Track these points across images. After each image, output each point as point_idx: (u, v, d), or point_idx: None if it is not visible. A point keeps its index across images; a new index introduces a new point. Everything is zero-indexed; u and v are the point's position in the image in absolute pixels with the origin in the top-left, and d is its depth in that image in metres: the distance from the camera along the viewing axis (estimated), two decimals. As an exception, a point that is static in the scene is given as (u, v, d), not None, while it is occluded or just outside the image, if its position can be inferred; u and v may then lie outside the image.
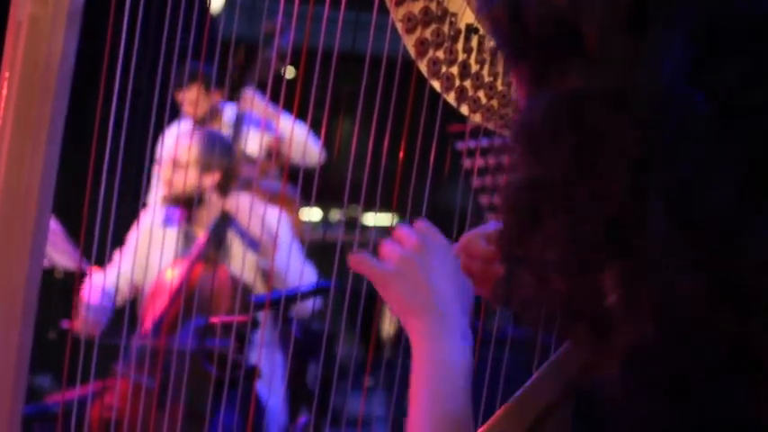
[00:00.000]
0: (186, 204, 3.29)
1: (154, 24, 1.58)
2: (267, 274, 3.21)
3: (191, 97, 4.03)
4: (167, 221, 3.33)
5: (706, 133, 0.78)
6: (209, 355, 2.63)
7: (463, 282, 1.04)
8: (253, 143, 3.91)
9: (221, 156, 3.34)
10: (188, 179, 3.23)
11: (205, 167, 3.27)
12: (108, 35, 1.52)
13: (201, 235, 3.29)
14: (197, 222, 3.35)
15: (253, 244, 3.18)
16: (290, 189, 3.92)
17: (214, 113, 4.08)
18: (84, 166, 1.62)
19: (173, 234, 3.30)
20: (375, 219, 3.85)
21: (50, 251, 3.38)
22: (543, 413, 0.99)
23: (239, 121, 3.77)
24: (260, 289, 3.27)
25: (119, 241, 3.09)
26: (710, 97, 0.79)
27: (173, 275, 3.10)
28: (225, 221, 3.26)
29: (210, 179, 3.30)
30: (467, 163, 2.86)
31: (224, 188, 3.34)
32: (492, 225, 1.32)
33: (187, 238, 3.32)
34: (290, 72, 3.94)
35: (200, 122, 4.03)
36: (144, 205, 3.33)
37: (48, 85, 1.30)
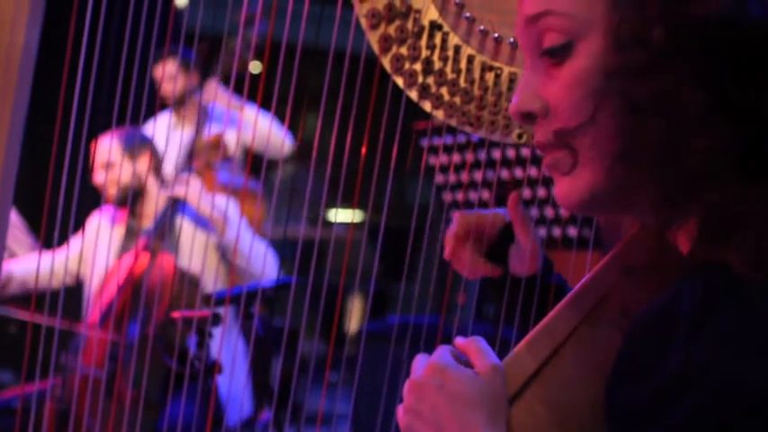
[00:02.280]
0: (125, 203, 3.36)
1: (118, 15, 1.58)
2: (226, 253, 3.26)
3: (169, 72, 4.00)
4: (115, 220, 3.41)
5: None
6: (169, 348, 2.63)
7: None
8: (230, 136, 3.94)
9: (142, 141, 3.42)
10: (123, 173, 3.33)
11: (133, 155, 3.35)
12: (71, 26, 1.51)
13: (147, 226, 3.33)
14: (141, 216, 3.39)
15: (203, 222, 3.24)
16: (252, 184, 3.92)
17: (190, 94, 4.06)
18: (46, 157, 1.61)
19: (117, 231, 3.37)
20: (338, 215, 3.85)
21: (11, 243, 3.37)
22: (562, 343, 1.00)
23: (203, 113, 3.75)
24: (215, 273, 3.31)
25: (79, 231, 3.10)
26: None
27: (119, 268, 3.13)
28: (173, 208, 3.29)
29: (143, 165, 3.37)
30: (431, 160, 2.88)
31: (159, 171, 3.42)
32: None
33: (132, 233, 3.37)
34: (255, 67, 3.93)
35: (177, 103, 4.02)
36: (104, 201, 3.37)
37: (9, 76, 1.29)
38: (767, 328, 0.79)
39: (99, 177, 3.38)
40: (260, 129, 3.71)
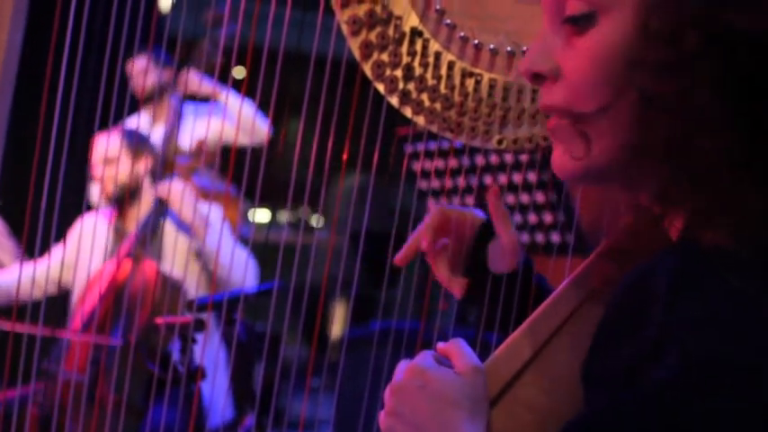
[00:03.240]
0: (119, 202, 3.33)
1: (100, 19, 1.58)
2: (206, 262, 3.25)
3: (141, 66, 3.99)
4: (106, 222, 3.37)
5: None
6: (152, 353, 2.63)
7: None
8: (197, 133, 3.94)
9: (145, 141, 3.42)
10: (121, 172, 3.31)
11: (136, 154, 3.33)
12: (54, 29, 1.51)
13: (133, 230, 3.32)
14: (129, 218, 3.38)
15: (184, 227, 3.23)
16: (232, 189, 3.92)
17: (163, 91, 4.05)
18: (28, 162, 1.61)
19: (104, 232, 3.32)
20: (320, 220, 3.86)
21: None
22: (544, 345, 1.00)
23: (179, 109, 3.73)
24: (198, 280, 3.30)
25: (61, 239, 3.09)
26: None
27: (103, 273, 3.12)
28: (159, 211, 3.29)
29: (143, 165, 3.35)
30: (414, 165, 2.89)
31: (156, 176, 3.41)
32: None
33: (118, 235, 3.35)
34: (239, 72, 3.93)
35: (148, 98, 4.01)
36: (88, 205, 3.36)
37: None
38: (740, 302, 0.81)
39: (97, 172, 3.35)
40: (242, 115, 3.72)
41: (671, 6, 0.87)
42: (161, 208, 3.29)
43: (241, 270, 3.11)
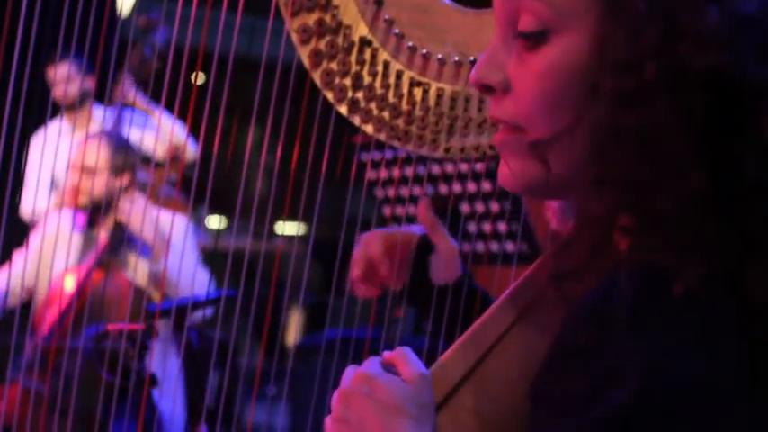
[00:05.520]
0: (93, 209, 3.27)
1: (51, 21, 1.57)
2: (158, 280, 3.20)
3: (62, 74, 3.91)
4: (75, 226, 3.30)
5: None
6: (105, 361, 2.60)
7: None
8: (147, 142, 3.90)
9: (130, 157, 3.34)
10: (98, 184, 3.22)
11: (116, 170, 3.25)
12: (4, 30, 1.50)
13: (102, 239, 3.27)
14: (101, 227, 3.32)
15: (144, 249, 3.17)
16: (181, 194, 3.89)
17: (84, 99, 4.00)
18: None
19: (75, 238, 3.26)
20: (284, 228, 3.85)
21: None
22: (489, 351, 1.00)
23: (119, 120, 3.68)
24: (153, 296, 3.25)
25: (21, 242, 3.04)
26: None
27: (70, 280, 3.07)
28: (118, 236, 3.23)
29: (121, 182, 3.29)
30: (371, 174, 2.89)
31: (128, 189, 3.33)
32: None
33: (89, 243, 3.29)
34: (199, 78, 3.91)
35: (70, 107, 3.97)
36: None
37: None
38: (699, 327, 0.81)
39: (73, 178, 3.26)
40: (172, 135, 3.69)
41: (629, 34, 0.85)
42: (120, 233, 3.22)
43: (194, 278, 3.08)
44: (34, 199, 3.60)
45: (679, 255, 0.83)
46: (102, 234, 3.28)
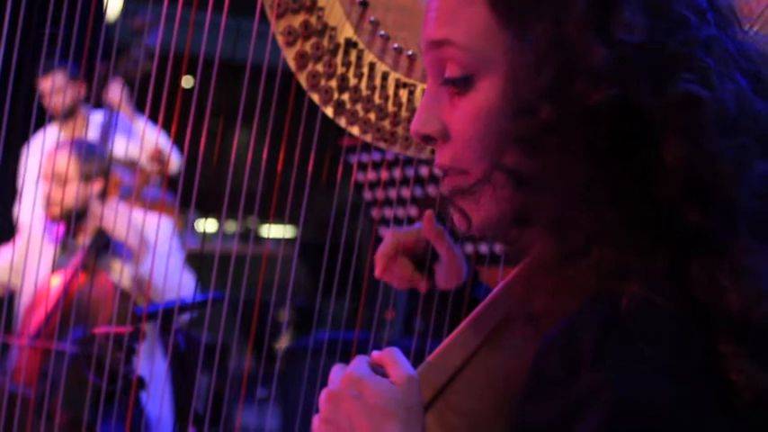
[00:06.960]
0: (68, 218, 3.25)
1: (35, 26, 1.56)
2: (142, 284, 3.19)
3: (55, 84, 3.91)
4: (50, 239, 3.30)
5: None
6: (92, 364, 2.59)
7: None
8: (131, 148, 3.89)
9: (100, 163, 3.33)
10: (70, 193, 3.21)
11: (86, 178, 3.24)
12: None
13: (83, 244, 3.26)
14: (80, 233, 3.31)
15: (127, 254, 3.16)
16: (168, 197, 3.89)
17: (77, 107, 3.99)
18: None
19: (50, 251, 3.26)
20: (270, 230, 3.85)
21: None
22: (474, 353, 1.01)
23: (108, 124, 3.67)
24: (138, 299, 3.25)
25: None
26: None
27: (53, 285, 3.06)
28: (99, 242, 3.22)
29: (92, 188, 3.28)
30: (359, 176, 2.89)
31: (105, 195, 3.33)
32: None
33: (68, 249, 3.28)
34: (187, 81, 3.90)
35: (64, 116, 3.96)
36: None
37: None
38: (662, 360, 0.82)
39: (44, 188, 3.25)
40: (156, 138, 3.69)
41: (528, 78, 0.86)
42: (101, 239, 3.21)
43: (179, 280, 3.07)
44: (29, 208, 3.60)
45: (616, 277, 0.84)
46: (83, 239, 3.28)
